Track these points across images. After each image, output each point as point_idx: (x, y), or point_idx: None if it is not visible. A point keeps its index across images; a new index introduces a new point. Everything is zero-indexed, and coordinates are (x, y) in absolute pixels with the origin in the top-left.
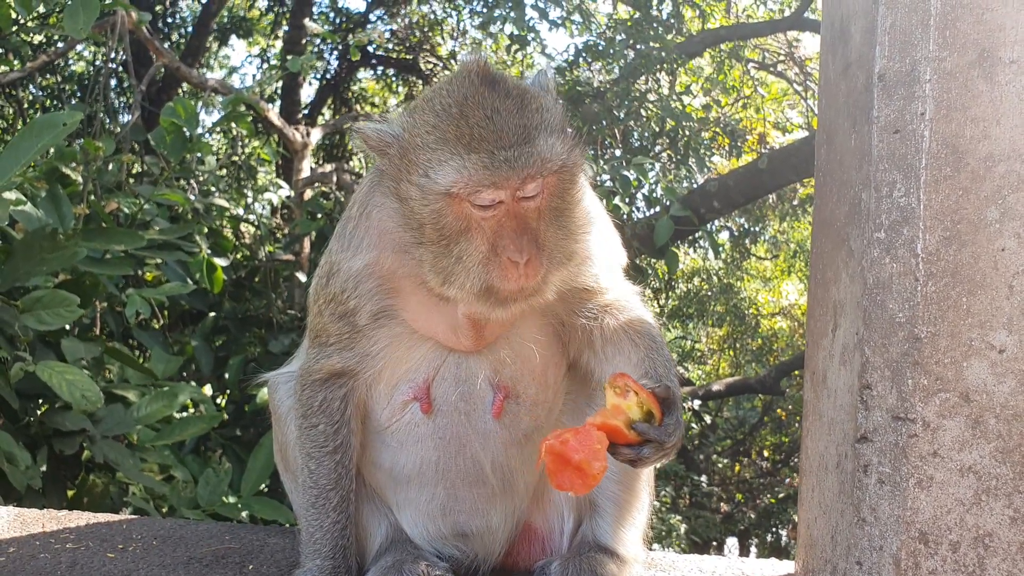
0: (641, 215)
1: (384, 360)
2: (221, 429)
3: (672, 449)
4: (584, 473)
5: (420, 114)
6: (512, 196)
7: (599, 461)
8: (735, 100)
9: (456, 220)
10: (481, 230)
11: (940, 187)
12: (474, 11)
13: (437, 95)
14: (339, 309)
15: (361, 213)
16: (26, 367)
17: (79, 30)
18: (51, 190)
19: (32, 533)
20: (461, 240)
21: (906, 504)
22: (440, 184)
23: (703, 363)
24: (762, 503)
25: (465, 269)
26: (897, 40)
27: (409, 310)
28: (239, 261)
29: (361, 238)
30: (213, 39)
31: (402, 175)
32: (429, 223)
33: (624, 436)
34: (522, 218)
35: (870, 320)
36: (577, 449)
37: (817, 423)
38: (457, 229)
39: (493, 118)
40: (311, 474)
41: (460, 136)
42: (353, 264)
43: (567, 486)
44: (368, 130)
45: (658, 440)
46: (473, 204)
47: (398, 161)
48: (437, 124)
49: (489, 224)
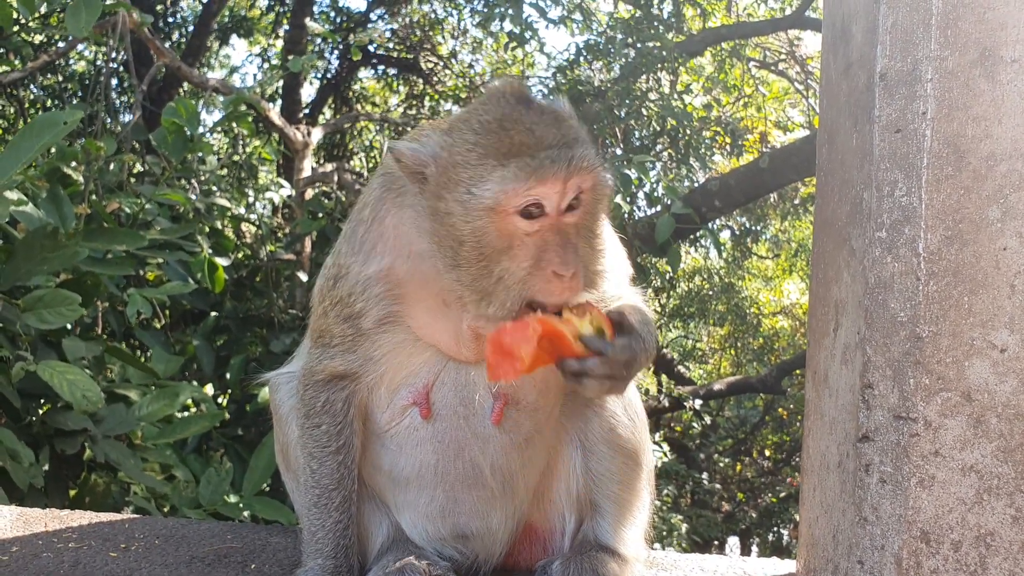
0: (642, 214)
1: (386, 365)
2: (222, 429)
3: (621, 368)
4: (513, 356)
5: (458, 133)
6: (558, 199)
7: (527, 344)
8: (736, 99)
9: (500, 237)
10: (524, 246)
11: (942, 186)
12: (474, 10)
13: (473, 114)
14: (345, 312)
15: (373, 217)
16: (27, 366)
17: (81, 29)
18: (52, 190)
19: (35, 532)
20: (503, 258)
21: (908, 503)
22: (485, 198)
23: (704, 362)
24: (763, 502)
25: (506, 288)
26: (898, 39)
27: (414, 317)
28: (240, 261)
29: (374, 243)
30: (214, 39)
31: (441, 194)
32: (470, 242)
33: (570, 347)
34: (564, 234)
35: (872, 319)
36: (510, 332)
37: (819, 422)
38: (500, 247)
39: (533, 131)
40: (313, 474)
41: (500, 148)
42: (364, 269)
43: (501, 374)
44: (404, 149)
45: (603, 352)
46: (519, 213)
47: (436, 180)
48: (478, 141)
49: (532, 240)
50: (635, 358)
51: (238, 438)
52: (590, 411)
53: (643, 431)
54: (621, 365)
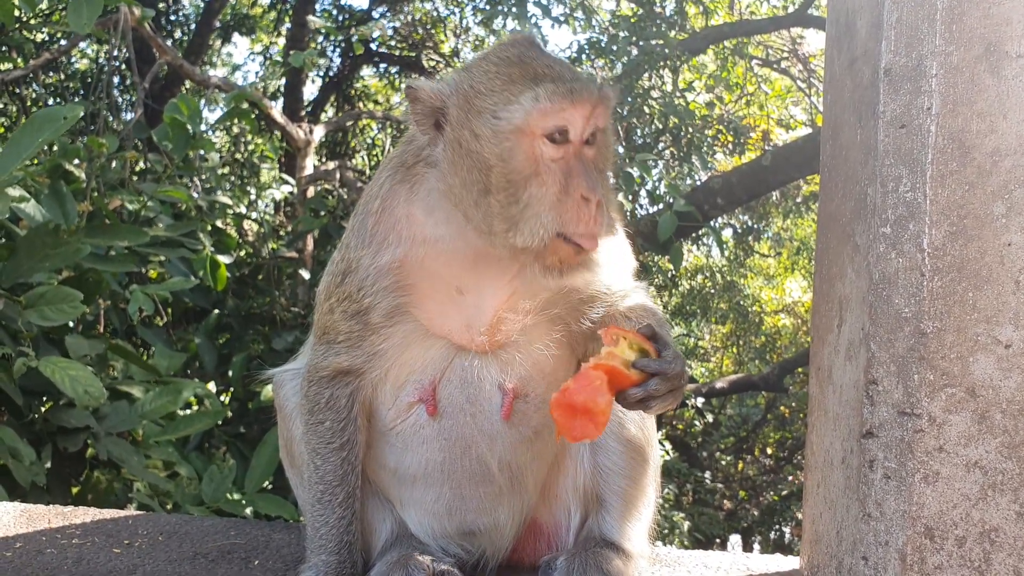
0: (644, 212)
1: (392, 360)
2: (225, 426)
3: (679, 380)
4: (591, 412)
5: (477, 69)
6: (583, 124)
7: (603, 396)
8: (738, 97)
9: (526, 161)
10: (551, 172)
11: (946, 182)
12: (477, 8)
13: (490, 55)
14: (352, 307)
15: (383, 208)
16: (29, 362)
17: (83, 26)
18: (54, 187)
19: (38, 529)
20: (531, 184)
21: (912, 499)
22: (514, 120)
23: (706, 360)
24: (765, 500)
25: (535, 215)
26: (903, 35)
27: (424, 308)
28: (242, 258)
29: (385, 234)
30: (216, 36)
31: (465, 123)
32: (497, 167)
33: (626, 378)
34: (587, 162)
35: (876, 315)
36: (578, 391)
37: (822, 418)
38: (527, 173)
39: (552, 66)
40: (317, 470)
41: (525, 73)
42: (375, 261)
43: (580, 434)
44: (424, 85)
45: (661, 371)
46: (546, 136)
47: (458, 112)
48: (500, 71)
49: (558, 166)
50: (683, 363)
51: (240, 436)
52: None
53: (651, 427)
54: (678, 376)
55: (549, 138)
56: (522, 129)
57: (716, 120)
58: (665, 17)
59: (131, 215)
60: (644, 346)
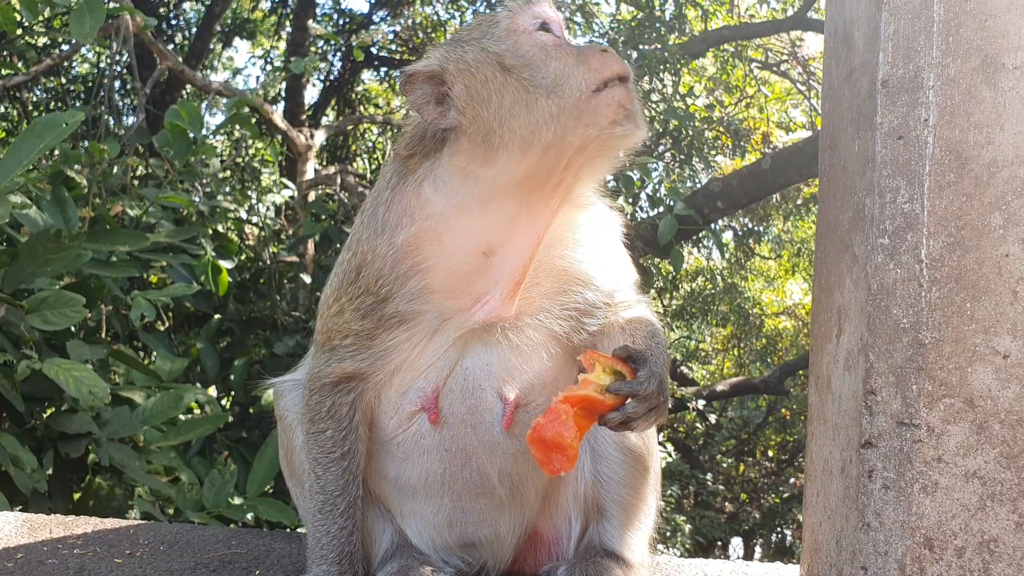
0: (645, 215)
1: (398, 361)
2: (226, 431)
3: (656, 398)
4: (561, 446)
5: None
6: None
7: (568, 430)
8: (738, 100)
9: (533, 48)
10: (559, 50)
11: (944, 193)
12: (477, 12)
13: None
14: (368, 301)
15: (393, 197)
16: (32, 364)
17: (85, 35)
18: (56, 192)
19: (40, 539)
20: (550, 61)
21: (911, 509)
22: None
23: (707, 363)
24: (767, 503)
25: (569, 76)
26: (900, 46)
27: (444, 284)
28: (243, 263)
29: (399, 218)
30: (217, 41)
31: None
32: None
33: (602, 403)
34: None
35: (874, 326)
36: (546, 427)
37: (822, 428)
38: (540, 57)
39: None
40: (318, 480)
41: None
42: (394, 241)
43: (557, 467)
44: (417, 65)
45: (633, 392)
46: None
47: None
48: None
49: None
50: (662, 380)
51: (242, 440)
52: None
53: (652, 436)
54: (655, 394)
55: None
56: (513, 28)
57: (716, 123)
58: (665, 21)
59: (133, 220)
60: (619, 368)
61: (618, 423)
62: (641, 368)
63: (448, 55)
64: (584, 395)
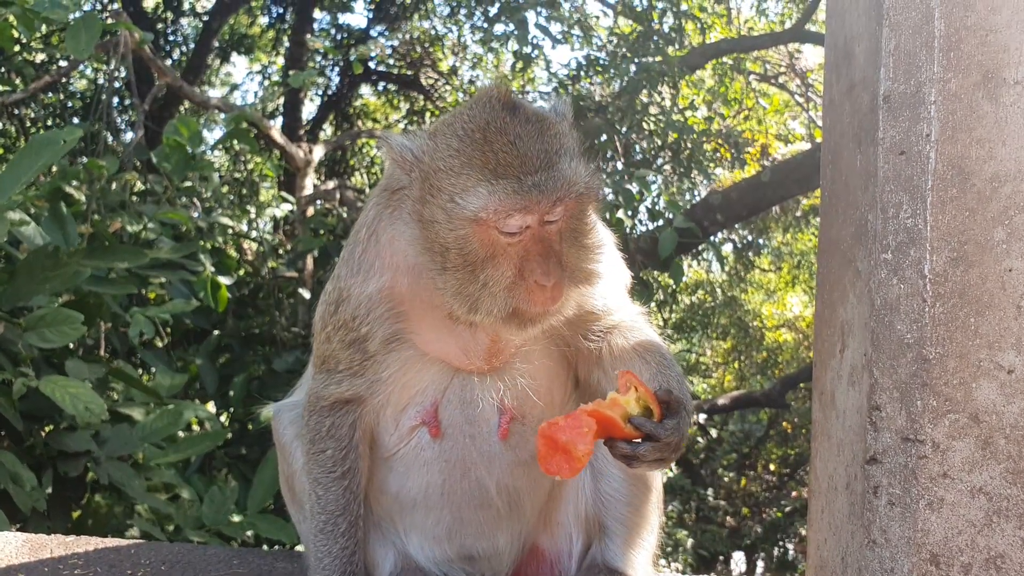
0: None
1: (393, 385)
2: (226, 448)
3: (671, 451)
4: (570, 455)
5: (442, 138)
6: (539, 221)
7: (584, 444)
8: (737, 112)
9: (482, 246)
10: (507, 255)
11: (946, 208)
12: (475, 26)
13: (458, 120)
14: (349, 336)
15: (369, 237)
16: (29, 382)
17: (82, 51)
18: (54, 209)
19: (41, 559)
20: (487, 266)
21: (917, 526)
22: (468, 210)
23: (708, 376)
24: (768, 517)
25: (491, 295)
26: (902, 62)
27: (420, 333)
28: (242, 278)
29: (372, 262)
30: (215, 56)
31: (425, 198)
32: (454, 248)
33: (620, 430)
34: (547, 242)
35: (878, 341)
36: (564, 430)
37: (826, 444)
38: (483, 255)
39: (516, 144)
40: (319, 500)
41: (486, 162)
42: (365, 289)
43: (555, 469)
44: (394, 142)
45: (654, 435)
46: (501, 231)
47: (420, 184)
48: (461, 148)
49: (515, 249)
50: (683, 438)
51: (241, 457)
52: None
53: None
54: (672, 448)
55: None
56: (475, 220)
57: (715, 135)
58: (663, 34)
59: (131, 237)
60: (651, 405)
61: (623, 455)
62: (670, 417)
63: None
64: (610, 416)
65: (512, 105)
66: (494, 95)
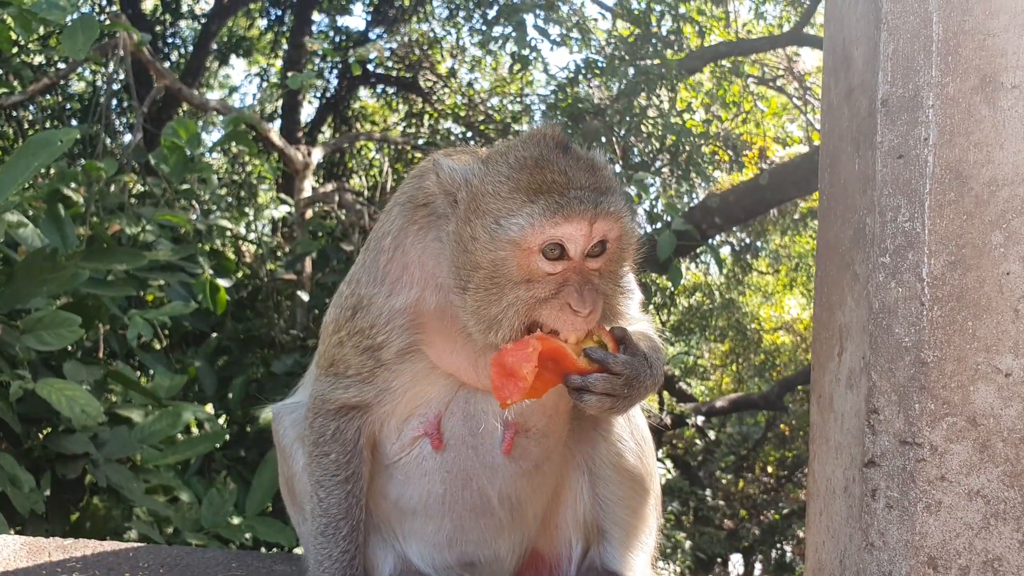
0: (642, 231)
1: (401, 395)
2: (225, 450)
3: (623, 386)
4: (516, 376)
5: (493, 164)
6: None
7: (529, 363)
8: (735, 115)
9: (518, 271)
10: (544, 283)
11: (944, 212)
12: (473, 28)
13: (512, 150)
14: (364, 343)
15: (395, 247)
16: (25, 384)
17: (78, 52)
18: (52, 211)
19: (39, 562)
20: (519, 289)
21: (915, 528)
22: (512, 231)
23: (706, 379)
24: (766, 519)
25: (516, 312)
26: (899, 66)
27: (434, 346)
28: (241, 280)
29: (398, 275)
30: (213, 59)
31: (469, 219)
32: (487, 269)
33: (572, 363)
34: (585, 276)
35: (876, 345)
36: (510, 353)
37: (824, 447)
38: (516, 280)
39: (567, 172)
40: (320, 503)
41: (532, 185)
42: (391, 302)
43: (507, 394)
44: (444, 166)
45: (605, 364)
46: (542, 252)
47: (466, 206)
48: (511, 175)
49: (554, 279)
50: (637, 376)
51: (240, 460)
52: (597, 435)
53: (650, 456)
54: (623, 382)
55: (546, 254)
56: (518, 243)
57: (713, 138)
58: (661, 37)
59: (130, 239)
60: (606, 341)
61: (575, 388)
62: (626, 351)
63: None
64: (559, 346)
65: (564, 144)
66: (548, 133)
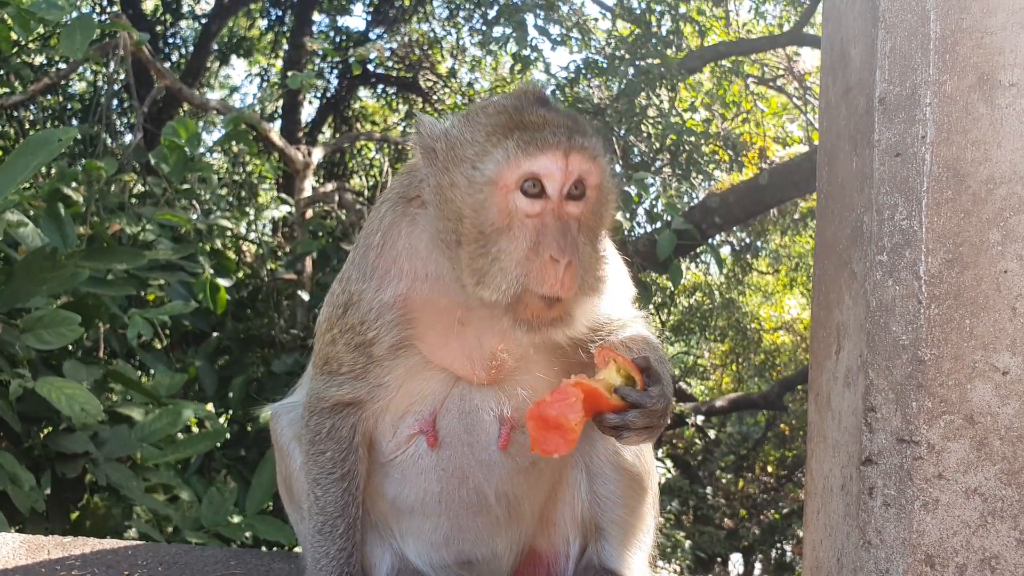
0: (642, 230)
1: (395, 391)
2: (225, 450)
3: (659, 418)
4: (563, 428)
5: (472, 116)
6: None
7: (575, 413)
8: (735, 115)
9: (499, 215)
10: (523, 228)
11: (942, 210)
12: (473, 28)
13: (491, 103)
14: (356, 339)
15: (383, 242)
16: (25, 383)
17: (76, 51)
18: (53, 210)
19: (38, 560)
20: (501, 238)
21: (912, 527)
22: (488, 171)
23: (706, 378)
24: (766, 519)
25: (502, 269)
26: (897, 64)
27: (427, 340)
28: (241, 280)
29: (387, 268)
30: (214, 59)
31: (448, 168)
32: (470, 217)
33: (606, 402)
34: (565, 222)
35: (873, 343)
36: (552, 405)
37: (822, 445)
38: (498, 226)
39: (544, 116)
40: (317, 500)
41: (509, 124)
42: (379, 296)
43: (551, 448)
44: (426, 121)
45: (641, 404)
46: (520, 190)
47: (444, 156)
48: (488, 122)
49: (532, 223)
50: (669, 404)
51: (240, 459)
52: (595, 434)
53: (648, 455)
54: (659, 414)
55: (523, 191)
56: (495, 181)
57: (713, 138)
58: (661, 36)
59: (130, 239)
60: (633, 375)
61: (613, 427)
62: (654, 385)
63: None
64: (593, 387)
65: (544, 99)
66: (529, 90)
